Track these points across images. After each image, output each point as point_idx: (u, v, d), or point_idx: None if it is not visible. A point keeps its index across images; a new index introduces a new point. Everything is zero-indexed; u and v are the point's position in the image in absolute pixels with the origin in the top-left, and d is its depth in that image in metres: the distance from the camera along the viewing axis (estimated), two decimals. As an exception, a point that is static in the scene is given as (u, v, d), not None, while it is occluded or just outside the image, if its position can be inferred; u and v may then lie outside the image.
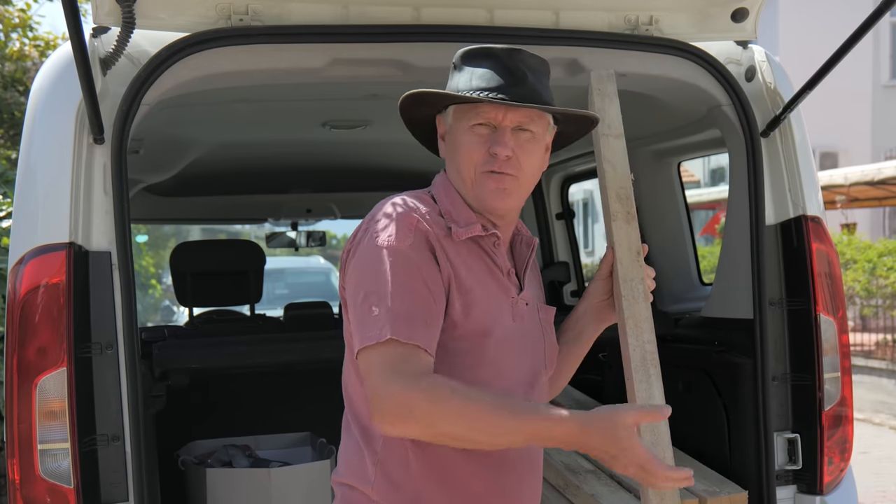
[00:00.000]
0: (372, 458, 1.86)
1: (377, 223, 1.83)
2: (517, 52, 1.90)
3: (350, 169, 5.09)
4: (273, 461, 3.87)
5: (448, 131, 1.95)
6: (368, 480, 1.86)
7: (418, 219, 1.82)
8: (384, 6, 2.55)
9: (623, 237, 2.06)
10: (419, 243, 1.80)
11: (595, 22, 2.70)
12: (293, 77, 2.65)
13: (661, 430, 1.87)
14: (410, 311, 1.75)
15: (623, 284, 2.02)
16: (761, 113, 2.87)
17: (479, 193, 1.89)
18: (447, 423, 1.70)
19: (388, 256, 1.78)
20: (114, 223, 2.39)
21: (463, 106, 1.89)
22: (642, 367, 1.95)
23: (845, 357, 2.88)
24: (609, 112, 2.18)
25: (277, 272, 12.53)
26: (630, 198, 2.12)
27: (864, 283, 10.94)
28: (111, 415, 2.37)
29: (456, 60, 1.95)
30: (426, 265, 1.80)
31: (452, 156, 1.93)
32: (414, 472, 1.85)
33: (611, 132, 2.16)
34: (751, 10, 2.73)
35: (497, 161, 1.87)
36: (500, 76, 1.87)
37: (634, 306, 2.00)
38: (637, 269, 2.04)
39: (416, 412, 1.69)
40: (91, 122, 2.32)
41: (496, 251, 1.94)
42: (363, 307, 1.77)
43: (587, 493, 3.03)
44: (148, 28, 2.45)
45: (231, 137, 4.08)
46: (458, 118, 1.91)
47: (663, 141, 3.82)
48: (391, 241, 1.79)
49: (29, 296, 2.31)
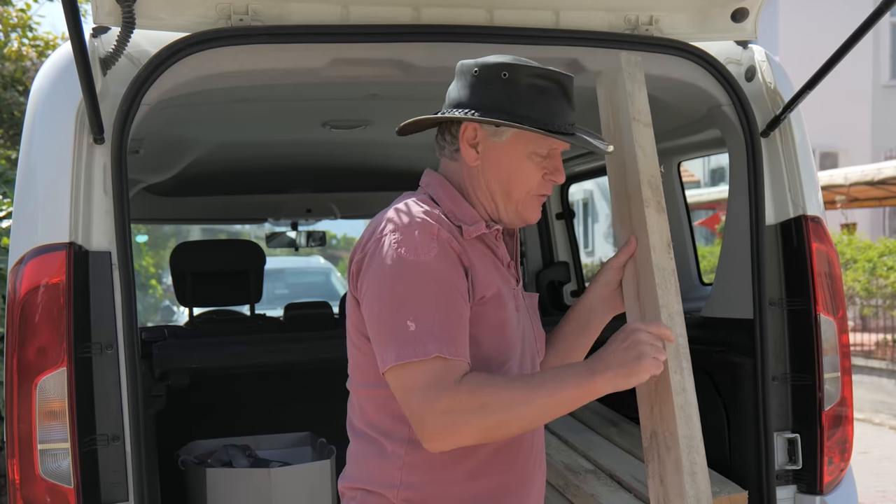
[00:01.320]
0: (397, 462, 1.85)
1: (394, 234, 1.80)
2: (568, 76, 1.92)
3: (350, 169, 5.09)
4: (273, 461, 3.87)
5: (493, 146, 1.91)
6: (391, 484, 1.85)
7: (438, 227, 1.81)
8: (384, 6, 2.55)
9: (655, 226, 2.02)
10: (444, 252, 1.79)
11: (595, 22, 2.70)
12: (293, 77, 2.65)
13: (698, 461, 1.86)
14: (451, 325, 1.75)
15: (657, 272, 1.97)
16: (761, 113, 2.87)
17: (523, 212, 1.95)
18: (495, 412, 1.72)
19: (418, 270, 1.76)
20: (114, 223, 2.39)
21: (531, 134, 1.87)
22: (675, 359, 1.91)
23: (845, 357, 2.88)
24: (639, 98, 2.15)
25: (277, 272, 12.53)
26: (660, 188, 2.08)
27: (864, 283, 10.94)
28: (111, 415, 2.36)
29: (510, 73, 1.87)
30: (454, 273, 1.80)
31: (499, 173, 1.91)
32: (441, 473, 1.85)
33: (641, 118, 2.12)
34: (751, 10, 2.73)
35: (552, 186, 1.96)
36: (568, 107, 1.90)
37: (667, 297, 1.96)
38: (669, 261, 2.00)
39: (465, 414, 1.71)
40: (91, 122, 2.32)
41: (497, 244, 1.96)
42: (395, 323, 1.75)
43: (587, 493, 3.03)
44: (148, 28, 2.45)
45: (231, 137, 4.08)
46: (518, 141, 1.89)
47: (663, 141, 3.81)
48: (417, 253, 1.77)
49: (29, 296, 2.31)
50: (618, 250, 2.11)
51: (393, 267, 1.77)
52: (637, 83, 2.16)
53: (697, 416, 1.89)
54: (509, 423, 1.75)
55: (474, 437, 1.77)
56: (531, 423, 1.81)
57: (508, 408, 1.72)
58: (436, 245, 1.78)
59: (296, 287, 12.58)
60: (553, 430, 3.57)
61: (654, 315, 1.94)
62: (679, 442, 1.86)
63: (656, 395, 1.92)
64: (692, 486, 1.84)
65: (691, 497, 1.83)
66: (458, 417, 1.71)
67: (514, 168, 1.91)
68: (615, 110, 2.16)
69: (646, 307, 1.99)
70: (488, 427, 1.74)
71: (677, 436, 1.86)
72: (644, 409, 1.96)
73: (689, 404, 1.90)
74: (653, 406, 1.93)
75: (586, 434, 3.56)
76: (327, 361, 3.40)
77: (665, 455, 1.89)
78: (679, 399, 1.88)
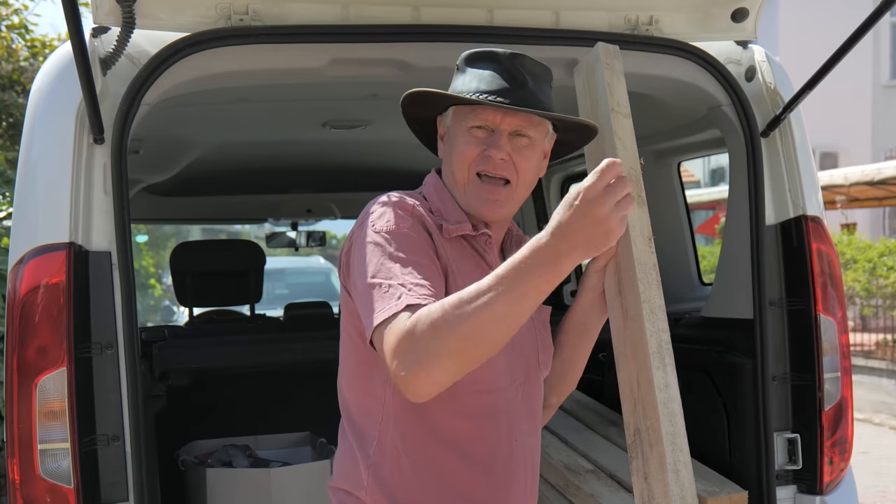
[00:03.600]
0: (365, 463, 1.85)
1: (372, 214, 1.83)
2: (519, 56, 1.89)
3: (350, 169, 5.09)
4: (273, 461, 3.87)
5: (447, 132, 1.95)
6: (362, 485, 1.86)
7: (414, 204, 1.84)
8: (384, 6, 2.55)
9: (636, 220, 1.96)
10: (417, 226, 1.81)
11: (595, 22, 2.70)
12: (293, 77, 2.65)
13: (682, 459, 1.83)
14: (421, 280, 1.71)
15: (638, 267, 1.92)
16: (761, 113, 2.87)
17: (471, 200, 1.88)
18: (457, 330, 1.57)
19: (391, 239, 1.77)
20: (114, 223, 2.39)
21: (462, 108, 1.89)
22: (658, 354, 1.87)
23: (845, 357, 2.88)
24: (618, 89, 2.11)
25: (277, 272, 12.52)
26: (640, 181, 2.03)
27: (864, 283, 10.94)
28: (111, 415, 2.36)
29: (459, 62, 1.95)
30: (427, 244, 1.81)
31: (448, 156, 1.93)
32: (407, 475, 1.83)
33: (620, 110, 2.08)
34: (751, 10, 2.73)
35: (491, 162, 1.85)
36: (500, 80, 1.86)
37: (649, 292, 1.91)
38: (650, 255, 1.96)
39: (425, 345, 1.58)
40: (91, 122, 2.32)
41: (487, 250, 1.92)
42: (372, 288, 1.72)
43: (587, 493, 3.03)
44: (148, 28, 2.45)
45: (231, 137, 4.08)
46: (456, 120, 1.91)
47: (663, 141, 3.82)
48: (390, 225, 1.79)
49: (29, 296, 2.31)
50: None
51: (369, 242, 1.78)
52: (616, 74, 2.12)
53: (681, 413, 1.86)
54: (476, 336, 1.59)
55: (448, 366, 1.61)
56: (501, 329, 1.61)
57: (467, 318, 1.57)
58: (410, 218, 1.81)
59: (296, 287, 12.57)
60: (553, 430, 3.57)
61: (636, 311, 1.89)
62: (662, 439, 1.82)
63: (639, 392, 1.88)
64: (676, 483, 1.80)
65: (675, 495, 1.79)
66: (419, 352, 1.58)
67: (454, 145, 1.90)
68: (594, 102, 2.12)
69: (627, 302, 1.94)
70: (454, 349, 1.58)
71: (661, 433, 1.82)
72: (627, 405, 1.91)
73: (671, 401, 1.85)
74: (636, 403, 1.89)
75: (586, 434, 3.56)
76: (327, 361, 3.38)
77: (648, 452, 1.84)
78: (662, 396, 1.84)
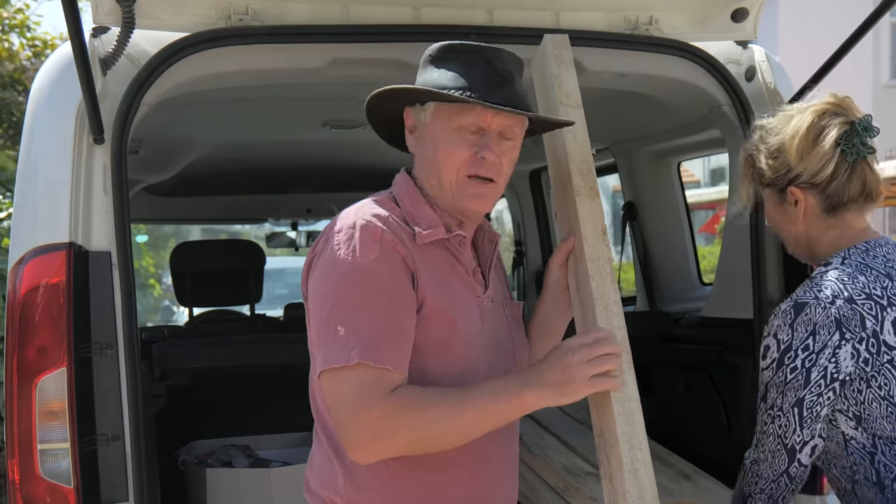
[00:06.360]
0: (342, 470, 1.83)
1: (339, 234, 1.76)
2: (500, 50, 1.85)
3: (350, 169, 5.09)
4: (273, 461, 3.87)
5: (423, 126, 1.87)
6: (338, 491, 1.83)
7: (382, 229, 1.76)
8: (384, 6, 2.55)
9: (588, 214, 1.96)
10: (385, 254, 1.74)
11: (595, 22, 2.70)
12: (293, 77, 2.65)
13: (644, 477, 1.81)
14: (379, 331, 1.70)
15: (590, 264, 1.91)
16: (761, 113, 2.86)
17: (458, 197, 1.85)
18: (426, 427, 1.68)
19: (354, 272, 1.72)
20: (114, 223, 2.39)
21: (449, 105, 1.82)
22: None
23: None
24: (567, 80, 2.08)
25: (277, 272, 12.52)
26: (592, 172, 2.02)
27: (864, 283, 10.91)
28: (111, 415, 2.36)
29: (434, 52, 1.87)
30: (396, 278, 1.74)
31: (431, 155, 1.86)
32: (386, 482, 1.82)
33: (569, 102, 2.05)
34: (751, 10, 2.73)
35: (484, 165, 1.83)
36: (488, 77, 1.81)
37: (602, 287, 1.89)
38: (604, 249, 1.94)
39: (394, 429, 1.67)
40: (91, 122, 2.32)
41: (461, 250, 1.90)
42: (327, 326, 1.72)
43: (586, 496, 3.03)
44: (148, 28, 2.45)
45: (231, 137, 4.08)
46: (440, 116, 1.84)
47: (663, 141, 3.83)
48: (356, 256, 1.72)
49: (29, 296, 2.31)
50: (557, 247, 2.06)
51: (332, 268, 1.74)
52: (564, 65, 2.10)
53: (639, 412, 1.83)
54: (440, 437, 1.71)
55: (401, 451, 1.73)
56: (462, 437, 1.74)
57: (439, 421, 1.68)
58: (377, 247, 1.73)
59: (296, 287, 12.55)
60: (553, 432, 3.57)
61: (591, 308, 1.88)
62: (619, 439, 1.80)
63: (598, 393, 1.83)
64: (634, 483, 1.78)
65: (633, 496, 1.77)
66: (384, 431, 1.67)
67: (439, 144, 1.83)
68: (545, 95, 2.10)
69: (584, 300, 1.93)
70: (417, 441, 1.70)
71: (616, 433, 1.80)
72: (592, 408, 1.90)
73: (629, 399, 1.83)
74: (597, 405, 1.87)
75: (586, 436, 3.56)
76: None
77: (610, 454, 1.83)
78: (618, 395, 1.81)
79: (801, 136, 1.98)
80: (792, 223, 2.07)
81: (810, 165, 1.98)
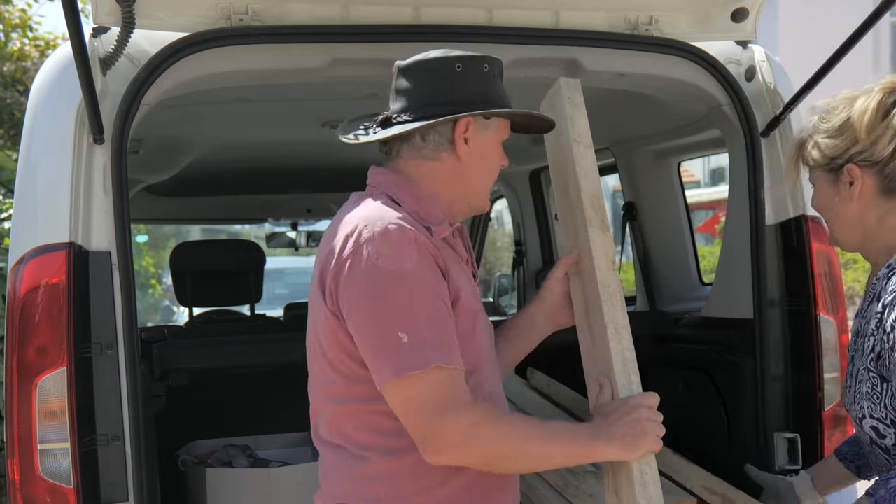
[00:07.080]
0: (381, 477, 1.82)
1: (371, 244, 1.74)
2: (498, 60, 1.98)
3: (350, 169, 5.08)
4: (273, 461, 3.87)
5: (479, 140, 1.93)
6: (377, 498, 1.82)
7: (415, 231, 1.77)
8: (384, 6, 2.55)
9: (599, 244, 2.08)
10: (423, 257, 1.76)
11: (595, 22, 2.70)
12: (293, 77, 2.65)
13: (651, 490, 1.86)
14: (441, 332, 1.73)
15: (602, 290, 2.03)
16: (761, 113, 2.87)
17: (480, 202, 1.99)
18: (509, 444, 1.73)
19: (400, 279, 1.72)
20: (114, 223, 2.39)
21: (504, 120, 1.95)
22: (624, 371, 1.96)
23: (845, 357, 2.88)
24: (579, 121, 2.21)
25: (277, 272, 12.51)
26: (603, 207, 2.14)
27: (864, 283, 10.92)
28: (111, 415, 2.36)
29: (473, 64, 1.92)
30: (436, 278, 1.78)
31: (478, 166, 1.94)
32: (426, 483, 1.82)
33: (581, 140, 2.18)
34: (751, 10, 2.73)
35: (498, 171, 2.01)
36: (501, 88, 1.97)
37: (613, 312, 2.02)
38: (614, 277, 2.07)
39: (480, 437, 1.72)
40: (91, 122, 2.32)
41: (456, 242, 1.97)
42: (387, 337, 1.71)
43: (586, 494, 3.02)
44: (148, 28, 2.45)
45: (231, 137, 4.08)
46: (499, 130, 1.96)
47: (663, 141, 3.82)
48: (398, 262, 1.73)
49: (29, 296, 2.31)
50: (557, 262, 2.16)
51: (376, 279, 1.73)
52: (576, 107, 2.22)
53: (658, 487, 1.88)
54: (515, 459, 1.77)
55: (478, 461, 1.76)
56: (531, 465, 1.87)
57: (521, 442, 1.73)
58: (415, 251, 1.75)
59: (296, 287, 12.56)
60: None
61: (602, 330, 1.99)
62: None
63: None
64: (644, 496, 1.83)
65: None
66: (471, 438, 1.71)
67: (491, 156, 1.96)
68: (557, 132, 2.20)
69: (593, 324, 2.04)
70: (496, 456, 1.75)
71: None
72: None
73: None
74: None
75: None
76: (327, 361, 3.40)
77: (617, 467, 1.89)
78: None
79: (871, 111, 1.98)
80: (845, 204, 2.05)
81: (877, 141, 1.98)
